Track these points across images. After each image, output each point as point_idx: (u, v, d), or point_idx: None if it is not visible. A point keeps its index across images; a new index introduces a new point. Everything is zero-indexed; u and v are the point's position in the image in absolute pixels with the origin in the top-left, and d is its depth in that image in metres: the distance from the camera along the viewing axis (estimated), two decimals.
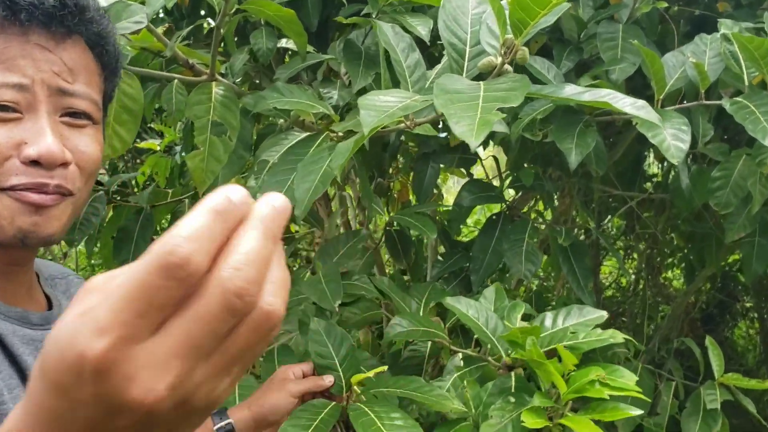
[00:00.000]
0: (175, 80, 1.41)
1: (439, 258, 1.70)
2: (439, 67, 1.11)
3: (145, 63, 1.43)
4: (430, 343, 1.37)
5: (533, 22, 0.83)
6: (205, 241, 0.33)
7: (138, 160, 2.72)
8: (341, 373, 1.14)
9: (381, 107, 0.83)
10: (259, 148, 1.30)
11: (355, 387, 1.12)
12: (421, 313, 1.40)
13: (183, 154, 2.19)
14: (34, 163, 0.70)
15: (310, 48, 1.47)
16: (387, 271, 1.95)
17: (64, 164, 0.73)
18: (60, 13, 0.71)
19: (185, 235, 0.33)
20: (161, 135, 2.86)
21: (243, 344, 0.36)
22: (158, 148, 2.59)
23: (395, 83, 1.05)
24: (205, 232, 0.33)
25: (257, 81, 1.87)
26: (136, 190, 2.27)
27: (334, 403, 1.10)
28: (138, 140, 2.78)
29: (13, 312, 0.76)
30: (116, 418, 0.35)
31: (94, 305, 0.34)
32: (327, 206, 2.02)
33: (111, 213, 1.99)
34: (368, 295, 1.41)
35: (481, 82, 0.85)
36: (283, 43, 1.57)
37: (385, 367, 1.12)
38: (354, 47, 1.35)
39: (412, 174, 1.99)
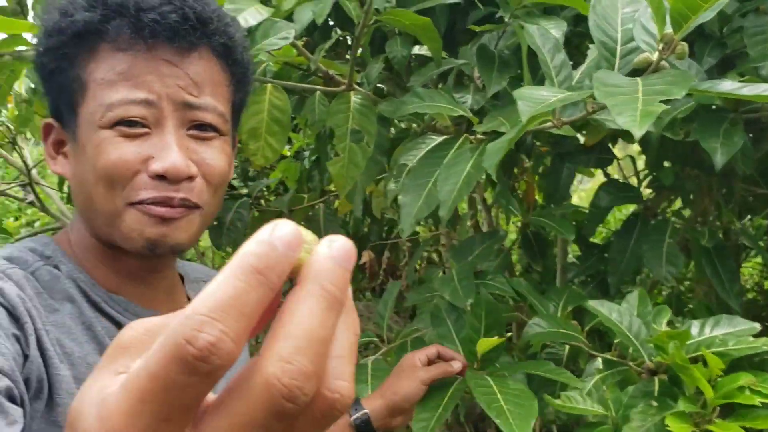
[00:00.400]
0: (317, 92, 1.48)
1: (574, 260, 1.68)
2: (584, 66, 1.11)
3: (287, 77, 1.51)
4: (567, 346, 1.37)
5: (695, 16, 0.81)
6: (234, 317, 0.25)
7: (269, 166, 2.86)
8: (460, 349, 1.18)
9: (537, 99, 0.85)
10: (396, 152, 1.35)
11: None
12: (558, 316, 1.40)
13: (311, 159, 2.29)
14: (161, 177, 0.72)
15: (443, 54, 1.50)
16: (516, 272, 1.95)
17: (190, 178, 0.74)
18: (182, 27, 0.72)
19: (206, 312, 0.25)
20: (290, 141, 3.00)
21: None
22: (288, 153, 2.71)
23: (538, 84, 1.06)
24: (235, 304, 0.25)
25: (387, 89, 1.92)
26: (265, 193, 2.40)
27: (460, 378, 1.13)
28: None
29: (148, 314, 0.79)
30: None
31: (112, 396, 0.26)
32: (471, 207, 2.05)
33: (253, 216, 2.11)
34: (503, 296, 1.43)
35: (638, 78, 0.85)
36: (416, 50, 1.61)
37: (503, 339, 1.13)
38: (487, 51, 1.37)
39: (537, 175, 1.98)
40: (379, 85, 1.81)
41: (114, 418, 0.25)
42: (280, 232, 0.27)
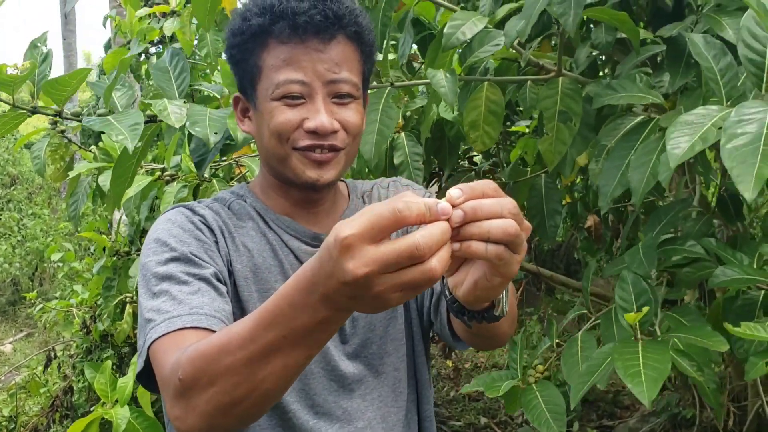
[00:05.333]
0: (528, 81, 1.73)
1: None
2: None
3: (506, 71, 1.78)
4: (762, 292, 1.48)
5: None
6: (416, 215, 0.65)
7: (508, 142, 3.13)
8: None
9: (684, 142, 1.03)
10: (600, 132, 1.55)
11: None
12: (754, 266, 1.50)
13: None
14: (313, 132, 1.04)
15: (649, 34, 1.64)
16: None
17: (334, 132, 1.05)
18: (324, 24, 1.02)
19: (416, 209, 0.65)
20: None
21: (407, 279, 0.66)
22: (526, 129, 2.94)
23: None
24: (422, 209, 0.66)
25: (604, 71, 2.08)
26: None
27: None
28: (509, 123, 3.21)
29: (307, 232, 1.13)
30: (340, 281, 0.66)
31: (359, 217, 0.65)
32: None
33: None
34: (703, 256, 1.57)
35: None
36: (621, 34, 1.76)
37: (647, 310, 1.32)
38: (678, 44, 1.49)
39: None
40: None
41: (357, 220, 0.66)
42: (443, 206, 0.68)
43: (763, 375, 1.90)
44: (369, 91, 1.22)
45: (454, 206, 0.68)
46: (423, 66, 1.60)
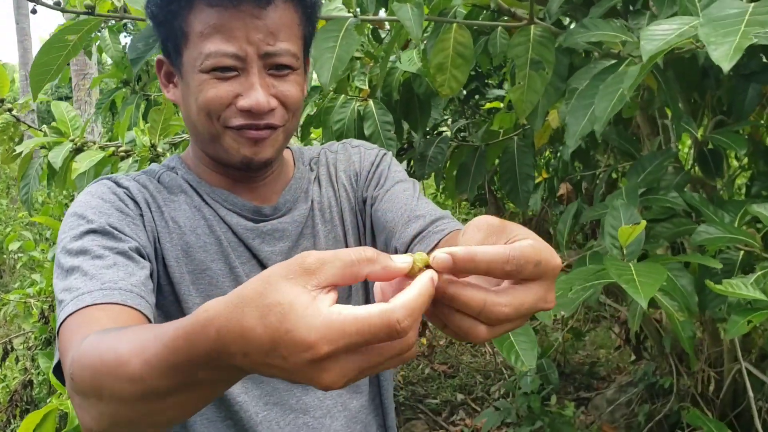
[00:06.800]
0: (499, 27, 1.65)
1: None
2: None
3: (476, 18, 1.69)
4: (742, 252, 1.42)
5: None
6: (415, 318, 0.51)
7: (477, 115, 3.06)
8: None
9: (660, 36, 0.95)
10: (571, 77, 1.48)
11: None
12: (736, 225, 1.45)
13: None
14: (248, 111, 0.92)
15: None
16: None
17: (271, 110, 0.93)
18: None
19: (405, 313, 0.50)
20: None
21: (385, 354, 0.51)
22: (501, 105, 2.87)
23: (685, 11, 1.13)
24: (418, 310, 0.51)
25: (574, 20, 2.01)
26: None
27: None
28: (479, 97, 3.13)
29: (247, 205, 1.02)
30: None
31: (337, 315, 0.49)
32: (651, 128, 2.09)
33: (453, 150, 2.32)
34: (678, 210, 1.51)
35: (751, 4, 0.91)
36: None
37: (644, 224, 1.24)
38: None
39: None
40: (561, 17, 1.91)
41: (335, 328, 0.48)
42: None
43: (741, 336, 1.85)
44: (329, 20, 1.12)
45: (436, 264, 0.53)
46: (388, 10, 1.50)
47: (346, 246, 1.08)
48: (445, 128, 3.17)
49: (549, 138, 2.32)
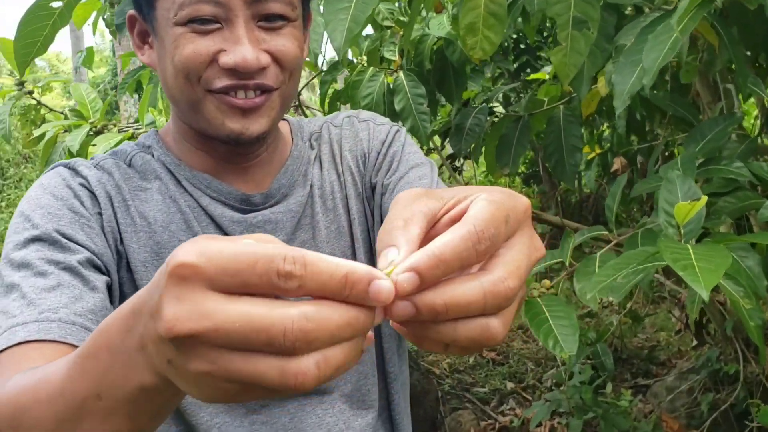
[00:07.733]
0: None
1: None
2: None
3: None
4: None
5: None
6: (314, 283, 0.39)
7: (528, 90, 2.89)
8: None
9: None
10: (618, 34, 1.32)
11: None
12: None
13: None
14: (233, 70, 0.76)
15: None
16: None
17: (262, 69, 0.77)
18: None
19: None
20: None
21: (249, 373, 0.39)
22: (547, 77, 2.70)
23: None
24: (332, 277, 0.39)
25: None
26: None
27: None
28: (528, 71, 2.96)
29: (234, 192, 0.86)
30: (156, 329, 0.40)
31: (222, 242, 0.40)
32: (711, 95, 1.90)
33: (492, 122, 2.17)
34: (743, 182, 1.34)
35: None
36: None
37: (704, 200, 1.07)
38: None
39: None
40: None
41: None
42: None
43: None
44: None
45: (399, 291, 0.40)
46: None
47: (352, 238, 0.93)
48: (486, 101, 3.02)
49: (598, 109, 2.15)
